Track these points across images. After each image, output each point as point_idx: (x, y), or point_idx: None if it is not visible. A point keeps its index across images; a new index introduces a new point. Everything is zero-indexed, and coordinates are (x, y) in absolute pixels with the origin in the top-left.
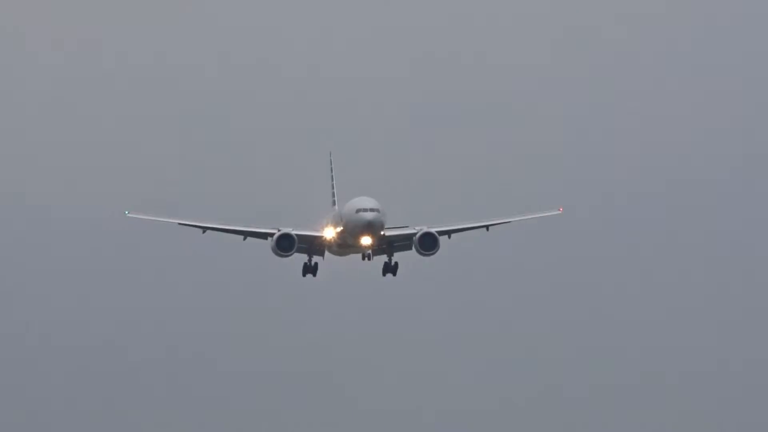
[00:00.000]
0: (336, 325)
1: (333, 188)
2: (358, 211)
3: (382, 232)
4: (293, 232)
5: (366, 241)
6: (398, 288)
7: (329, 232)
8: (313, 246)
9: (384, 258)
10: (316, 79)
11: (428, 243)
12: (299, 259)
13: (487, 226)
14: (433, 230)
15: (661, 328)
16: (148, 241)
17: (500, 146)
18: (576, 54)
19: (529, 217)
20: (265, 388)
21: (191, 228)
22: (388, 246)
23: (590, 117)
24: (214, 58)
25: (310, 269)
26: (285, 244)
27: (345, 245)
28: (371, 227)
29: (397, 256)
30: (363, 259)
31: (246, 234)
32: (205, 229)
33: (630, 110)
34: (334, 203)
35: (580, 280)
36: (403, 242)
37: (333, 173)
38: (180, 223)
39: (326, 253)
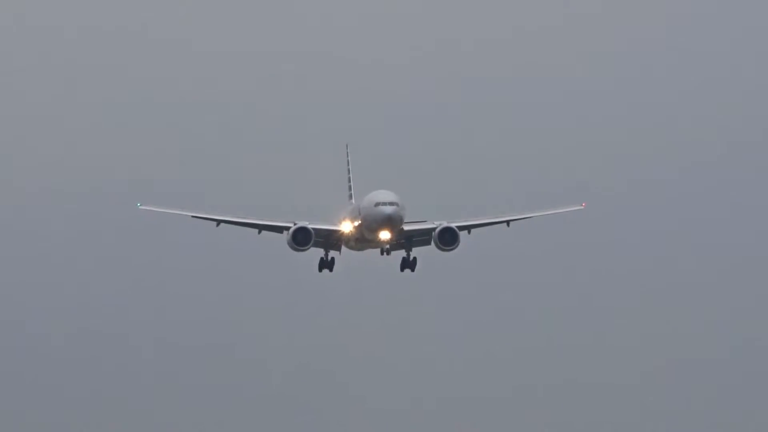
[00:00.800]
0: (353, 321)
1: (350, 181)
2: (377, 204)
3: (401, 227)
4: (310, 226)
5: (384, 235)
6: (416, 284)
7: (347, 226)
8: (330, 240)
9: (402, 253)
10: (332, 71)
11: (448, 238)
12: (315, 253)
13: (507, 222)
14: (453, 225)
15: (681, 325)
16: (160, 234)
17: (521, 140)
18: (596, 50)
19: (551, 212)
20: (277, 385)
21: (205, 221)
22: (406, 241)
23: (609, 113)
24: (227, 51)
25: (326, 264)
26: (301, 238)
27: (363, 240)
28: (390, 221)
29: (416, 252)
30: (381, 254)
31: (261, 227)
32: (219, 222)
33: (647, 104)
34: (350, 197)
35: (601, 276)
36: (421, 237)
37: (350, 166)
38: (193, 216)
39: (343, 247)
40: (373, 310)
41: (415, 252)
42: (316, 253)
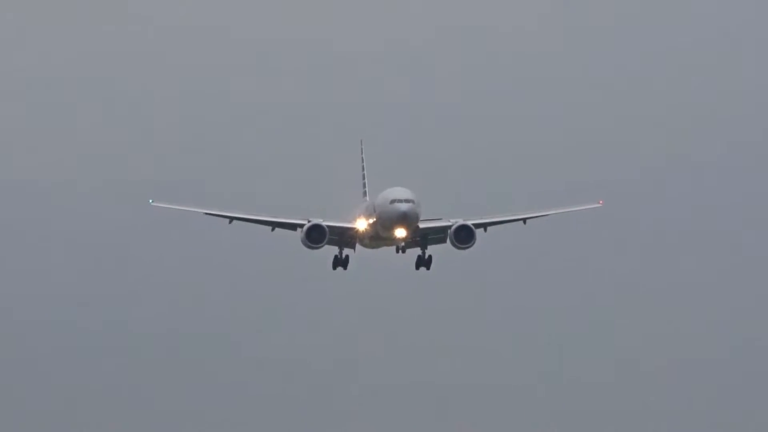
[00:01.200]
0: (367, 320)
1: (364, 178)
2: (392, 201)
3: (416, 224)
4: (324, 224)
5: (400, 233)
6: (432, 282)
7: (361, 224)
8: (344, 238)
9: (417, 251)
10: (347, 66)
11: (464, 236)
12: (329, 251)
13: (524, 219)
14: (469, 223)
15: (701, 324)
16: (172, 231)
17: (539, 137)
18: (615, 48)
19: (568, 210)
20: (289, 384)
21: (217, 218)
22: (422, 239)
23: (629, 110)
24: (237, 48)
25: (340, 262)
26: (315, 236)
27: (378, 237)
28: (406, 219)
29: (431, 250)
30: (397, 252)
31: (274, 225)
32: (231, 219)
33: (670, 101)
34: (365, 194)
35: (618, 274)
36: (437, 235)
37: (364, 163)
38: (206, 213)
39: (357, 245)
40: (388, 309)
41: (431, 250)
42: (330, 251)
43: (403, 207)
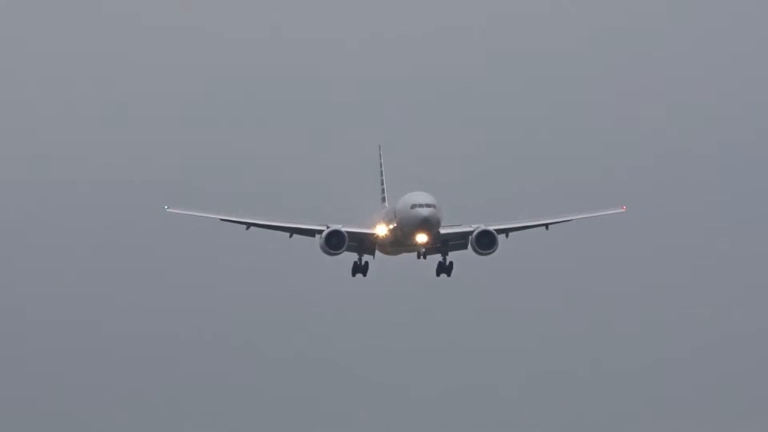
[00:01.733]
0: (387, 327)
1: (383, 183)
2: (413, 206)
3: (438, 230)
4: (343, 229)
5: (421, 238)
6: (453, 289)
7: (381, 230)
8: (363, 244)
9: (438, 257)
10: (363, 71)
11: (486, 241)
12: (349, 258)
13: (546, 225)
14: (491, 228)
15: (725, 329)
16: (188, 237)
17: (558, 141)
18: (616, 49)
19: (591, 215)
20: (308, 389)
21: (234, 224)
22: (442, 245)
23: (646, 112)
24: (257, 51)
25: (360, 269)
26: (335, 242)
27: (398, 243)
28: (427, 224)
29: (452, 256)
30: (418, 257)
31: (292, 231)
32: (248, 225)
33: (680, 104)
34: (383, 199)
35: (644, 281)
36: (458, 241)
37: (382, 168)
38: (222, 219)
39: (377, 252)
40: (408, 316)
41: (452, 256)
42: (349, 258)
43: (425, 212)
